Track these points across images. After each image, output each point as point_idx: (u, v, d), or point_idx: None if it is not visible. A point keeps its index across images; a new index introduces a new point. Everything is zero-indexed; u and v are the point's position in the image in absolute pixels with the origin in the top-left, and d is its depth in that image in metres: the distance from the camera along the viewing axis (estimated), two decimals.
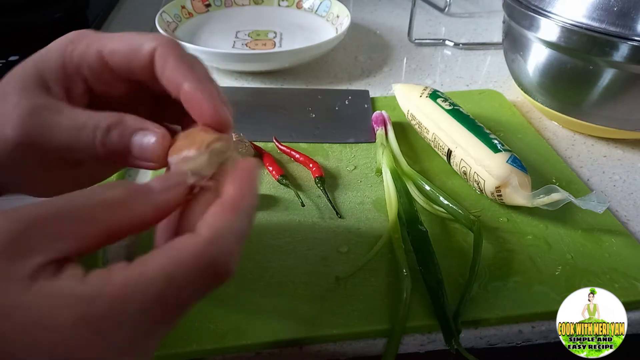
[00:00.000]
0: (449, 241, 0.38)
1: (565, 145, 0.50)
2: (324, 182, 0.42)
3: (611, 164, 0.48)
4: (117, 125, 0.24)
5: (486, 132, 0.42)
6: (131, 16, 0.78)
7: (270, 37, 0.68)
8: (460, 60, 0.67)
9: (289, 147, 0.46)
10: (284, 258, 0.36)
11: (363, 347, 0.31)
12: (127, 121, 0.24)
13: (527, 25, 0.48)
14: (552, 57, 0.47)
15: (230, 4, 0.74)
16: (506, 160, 0.39)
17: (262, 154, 0.46)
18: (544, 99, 0.51)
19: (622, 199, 0.43)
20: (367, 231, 0.38)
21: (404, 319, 0.31)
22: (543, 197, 0.37)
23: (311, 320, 0.32)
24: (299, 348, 0.31)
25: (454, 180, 0.44)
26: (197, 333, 0.30)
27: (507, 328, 0.32)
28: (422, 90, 0.48)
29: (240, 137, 0.44)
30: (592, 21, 0.42)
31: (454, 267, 0.35)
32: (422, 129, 0.47)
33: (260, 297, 0.33)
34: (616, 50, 0.42)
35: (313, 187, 0.42)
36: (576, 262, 0.36)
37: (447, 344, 0.31)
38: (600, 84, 0.45)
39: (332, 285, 0.34)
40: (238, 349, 0.30)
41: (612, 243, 0.38)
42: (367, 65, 0.65)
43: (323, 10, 0.71)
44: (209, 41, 0.66)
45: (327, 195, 0.41)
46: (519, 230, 0.39)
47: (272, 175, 0.43)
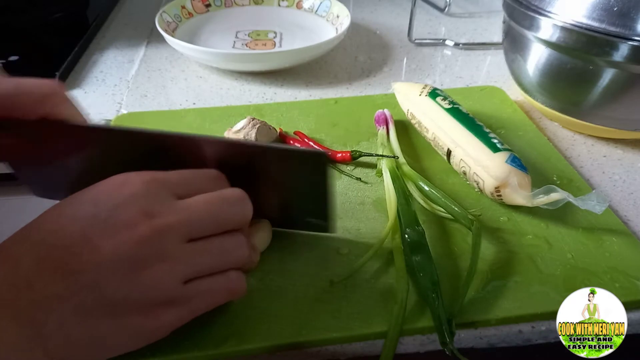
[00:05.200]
0: (449, 241, 0.38)
1: (565, 145, 0.50)
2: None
3: (611, 164, 0.48)
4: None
5: (486, 131, 0.42)
6: (131, 16, 0.78)
7: (270, 37, 0.68)
8: (460, 60, 0.67)
9: (309, 138, 0.48)
10: (285, 260, 0.36)
11: (363, 347, 0.31)
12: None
13: (527, 25, 0.48)
14: (552, 57, 0.47)
15: (230, 4, 0.74)
16: (505, 160, 0.39)
17: (284, 139, 0.48)
18: (544, 99, 0.51)
19: (622, 199, 0.43)
20: (367, 232, 0.38)
21: (399, 321, 0.31)
22: (542, 197, 0.37)
23: (311, 323, 0.32)
24: (299, 350, 0.31)
25: (454, 179, 0.44)
26: (199, 338, 0.30)
27: (507, 328, 0.32)
28: (422, 88, 0.48)
29: (264, 122, 0.46)
30: (592, 21, 0.42)
31: (454, 267, 0.35)
32: (422, 128, 0.47)
33: (260, 301, 0.33)
34: (616, 50, 0.42)
35: None
36: (577, 261, 0.36)
37: (442, 346, 0.31)
38: (600, 84, 0.45)
39: (332, 287, 0.34)
40: (239, 353, 0.30)
41: (613, 242, 0.38)
42: (367, 65, 0.65)
43: (323, 10, 0.71)
44: (209, 41, 0.66)
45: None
46: (519, 230, 0.39)
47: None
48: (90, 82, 0.59)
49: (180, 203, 0.28)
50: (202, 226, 0.28)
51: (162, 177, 0.28)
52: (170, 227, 0.26)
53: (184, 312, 0.27)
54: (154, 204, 0.27)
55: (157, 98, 0.57)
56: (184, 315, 0.27)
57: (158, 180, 0.28)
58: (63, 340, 0.24)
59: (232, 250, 0.29)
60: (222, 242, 0.29)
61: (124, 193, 0.27)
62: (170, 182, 0.29)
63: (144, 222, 0.26)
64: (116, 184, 0.27)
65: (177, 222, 0.26)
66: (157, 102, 0.56)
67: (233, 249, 0.29)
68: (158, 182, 0.28)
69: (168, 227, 0.26)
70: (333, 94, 0.58)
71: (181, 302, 0.27)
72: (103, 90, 0.58)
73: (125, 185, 0.27)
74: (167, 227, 0.26)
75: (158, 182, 0.28)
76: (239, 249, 0.29)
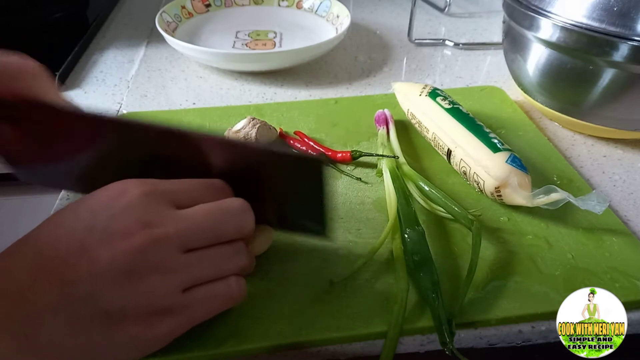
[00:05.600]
0: (449, 241, 0.38)
1: (565, 145, 0.50)
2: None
3: (611, 164, 0.48)
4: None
5: (486, 131, 0.42)
6: (131, 16, 0.78)
7: (270, 37, 0.68)
8: (460, 60, 0.67)
9: (309, 138, 0.47)
10: (285, 260, 0.36)
11: (363, 347, 0.31)
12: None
13: (527, 25, 0.48)
14: (552, 57, 0.47)
15: (230, 4, 0.74)
16: (505, 160, 0.39)
17: (284, 139, 0.48)
18: (544, 99, 0.51)
19: (622, 199, 0.43)
20: (367, 232, 0.38)
21: (399, 321, 0.31)
22: (542, 197, 0.37)
23: (312, 323, 0.32)
24: (299, 350, 0.31)
25: (454, 179, 0.44)
26: (199, 338, 0.30)
27: (507, 328, 0.32)
28: (422, 88, 0.48)
29: (264, 122, 0.46)
30: (592, 21, 0.42)
31: (454, 267, 0.35)
32: (422, 128, 0.47)
33: (260, 301, 0.33)
34: (616, 50, 0.42)
35: None
36: (577, 261, 0.36)
37: (442, 346, 0.31)
38: (600, 84, 0.45)
39: (332, 287, 0.34)
40: (239, 353, 0.30)
41: (613, 242, 0.38)
42: (367, 65, 0.65)
43: (323, 10, 0.71)
44: (209, 41, 0.66)
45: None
46: (520, 230, 0.39)
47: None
48: (90, 82, 0.60)
49: (179, 213, 0.27)
50: (200, 237, 0.28)
51: (161, 186, 0.28)
52: (167, 236, 0.26)
53: (182, 321, 0.27)
54: (152, 213, 0.26)
55: (157, 98, 0.57)
56: (182, 324, 0.27)
57: (157, 190, 0.28)
58: (57, 353, 0.24)
59: (230, 259, 0.29)
60: (221, 251, 0.28)
61: (121, 203, 0.26)
62: (170, 191, 0.28)
63: (141, 231, 0.25)
64: (114, 193, 0.27)
65: (174, 232, 0.26)
66: (157, 102, 0.56)
67: (231, 258, 0.29)
68: (157, 192, 0.28)
69: (165, 237, 0.26)
70: (333, 94, 0.58)
71: (179, 310, 0.27)
72: (103, 90, 0.58)
73: (122, 194, 0.27)
74: (165, 236, 0.26)
75: (157, 192, 0.28)
76: (238, 258, 0.29)
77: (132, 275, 0.25)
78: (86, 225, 0.26)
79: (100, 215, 0.26)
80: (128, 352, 0.26)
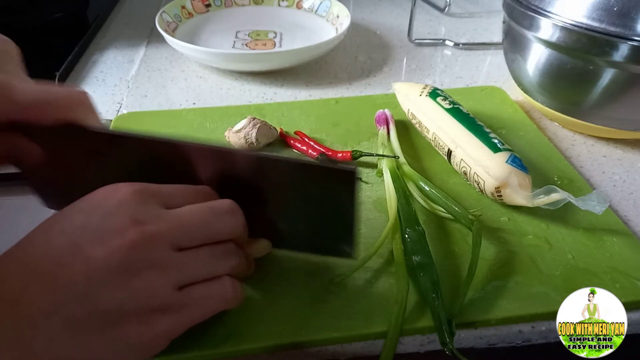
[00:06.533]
0: (449, 241, 0.38)
1: (565, 145, 0.50)
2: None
3: (611, 164, 0.48)
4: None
5: (486, 131, 0.42)
6: (131, 16, 0.78)
7: (270, 37, 0.68)
8: (460, 60, 0.67)
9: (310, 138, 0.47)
10: (285, 260, 0.36)
11: (363, 347, 0.31)
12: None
13: (527, 25, 0.48)
14: (552, 57, 0.47)
15: (230, 4, 0.74)
16: (506, 160, 0.39)
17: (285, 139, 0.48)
18: (544, 99, 0.51)
19: (622, 199, 0.43)
20: (368, 232, 0.38)
21: (399, 321, 0.31)
22: (543, 197, 0.37)
23: (312, 323, 0.32)
24: (299, 350, 0.31)
25: (454, 179, 0.44)
26: (199, 338, 0.30)
27: (507, 328, 0.32)
28: (422, 88, 0.48)
29: (265, 121, 0.46)
30: (592, 21, 0.42)
31: (454, 267, 0.35)
32: (423, 128, 0.47)
33: (260, 301, 0.33)
34: (616, 50, 0.42)
35: None
36: (577, 261, 0.36)
37: (442, 346, 0.31)
38: (600, 84, 0.45)
39: (332, 287, 0.34)
40: (239, 353, 0.30)
41: (614, 242, 0.38)
42: (367, 65, 0.65)
43: (323, 10, 0.71)
44: (209, 41, 0.66)
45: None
46: (520, 230, 0.39)
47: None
48: (90, 82, 0.59)
49: (170, 212, 0.28)
50: (192, 235, 0.28)
51: (152, 187, 0.28)
52: (160, 234, 0.26)
53: (178, 320, 0.27)
54: (144, 211, 0.27)
55: (157, 98, 0.57)
56: (179, 323, 0.27)
57: (148, 190, 0.28)
58: (54, 358, 0.24)
59: (222, 258, 0.29)
60: (213, 250, 0.28)
61: (113, 202, 0.27)
62: (160, 193, 0.29)
63: (134, 228, 0.26)
64: (106, 194, 0.27)
65: (166, 229, 0.26)
66: (157, 102, 0.56)
67: (223, 257, 0.29)
68: (148, 192, 0.28)
69: (158, 234, 0.26)
70: (333, 94, 0.58)
71: (175, 308, 0.27)
72: (103, 90, 0.58)
73: (114, 194, 0.27)
74: (157, 233, 0.26)
75: (148, 191, 0.28)
76: (229, 257, 0.29)
77: (127, 273, 0.25)
78: (79, 225, 0.26)
79: (93, 215, 0.26)
80: (128, 354, 0.26)
